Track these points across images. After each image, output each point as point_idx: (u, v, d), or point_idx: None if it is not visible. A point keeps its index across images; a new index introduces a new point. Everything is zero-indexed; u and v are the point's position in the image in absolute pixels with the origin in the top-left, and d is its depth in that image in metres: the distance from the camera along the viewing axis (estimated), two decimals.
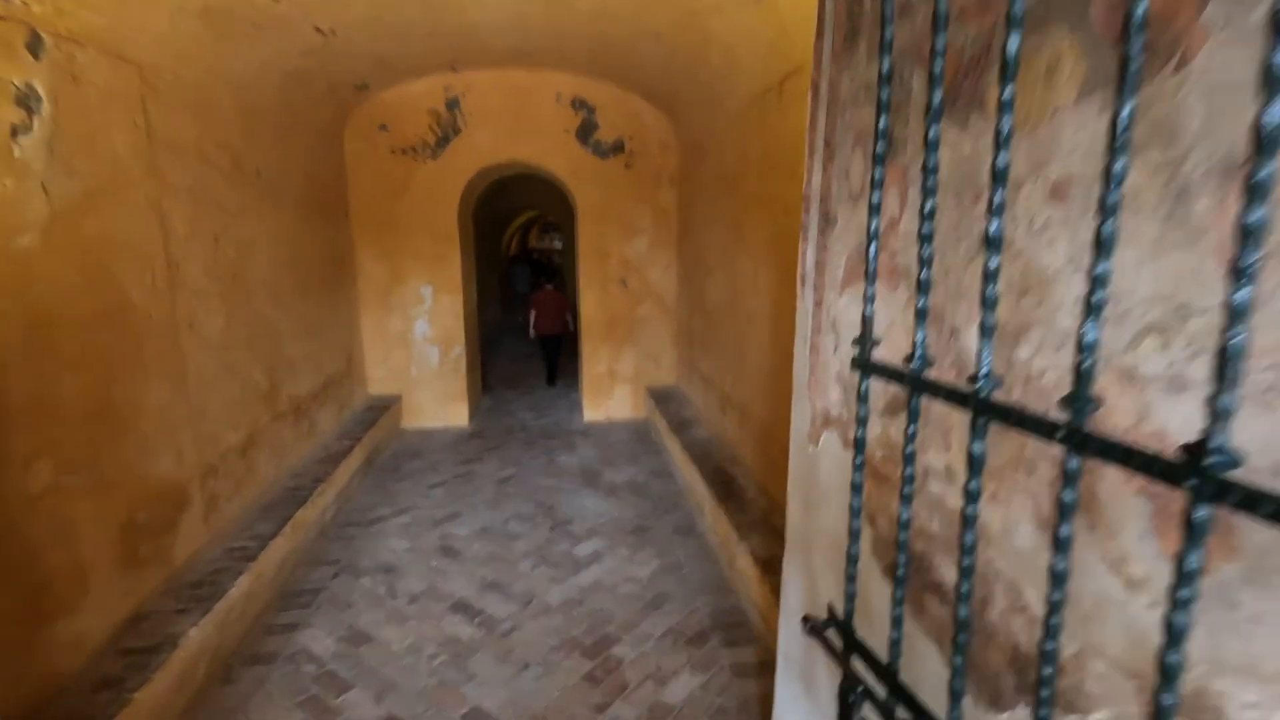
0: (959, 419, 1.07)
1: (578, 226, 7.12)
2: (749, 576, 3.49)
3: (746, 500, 4.17)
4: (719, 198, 5.30)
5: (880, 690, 1.14)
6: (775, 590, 3.12)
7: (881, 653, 1.21)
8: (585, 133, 6.73)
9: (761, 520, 3.88)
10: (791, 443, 1.94)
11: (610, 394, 7.34)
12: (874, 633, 1.32)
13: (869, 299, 1.15)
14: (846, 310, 1.54)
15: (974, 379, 0.86)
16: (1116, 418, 0.74)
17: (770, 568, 3.33)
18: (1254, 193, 0.51)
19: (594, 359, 7.24)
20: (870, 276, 1.17)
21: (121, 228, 2.99)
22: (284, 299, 4.87)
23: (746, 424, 4.70)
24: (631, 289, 7.13)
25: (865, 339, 1.15)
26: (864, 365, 1.16)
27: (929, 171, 0.99)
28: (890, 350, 1.32)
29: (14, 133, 2.43)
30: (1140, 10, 0.61)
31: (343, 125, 6.30)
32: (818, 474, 1.75)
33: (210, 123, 3.86)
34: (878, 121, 1.13)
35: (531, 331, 8.60)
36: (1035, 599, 0.87)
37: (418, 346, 6.94)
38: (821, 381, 1.71)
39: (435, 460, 6.09)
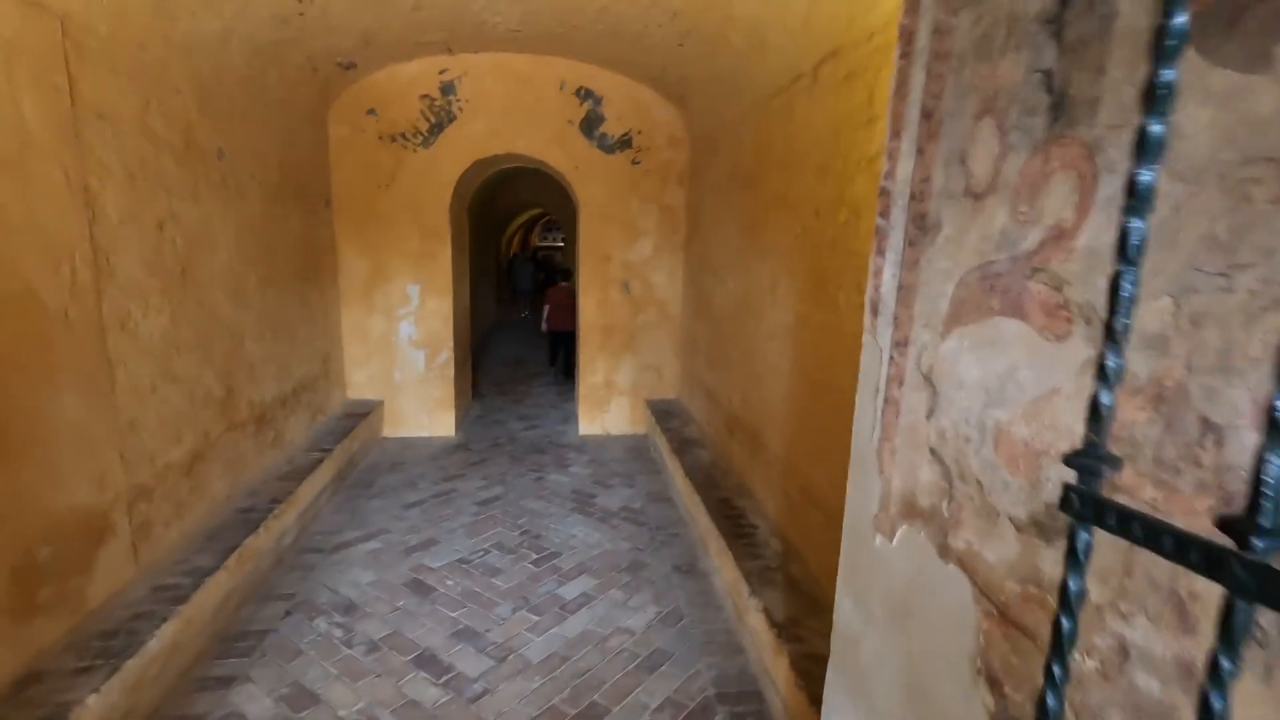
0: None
1: (579, 226, 6.62)
2: (762, 640, 2.99)
3: (758, 542, 3.68)
4: (733, 198, 4.81)
5: None
6: (797, 664, 2.63)
7: None
8: (590, 125, 6.24)
9: (777, 568, 3.38)
10: (846, 524, 1.44)
11: (607, 406, 6.85)
12: None
13: (1107, 373, 0.65)
14: (956, 362, 1.04)
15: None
16: None
17: (790, 632, 2.84)
18: None
19: (591, 368, 6.75)
20: (1113, 328, 0.67)
21: (26, 209, 2.50)
22: (248, 296, 4.37)
23: (759, 453, 4.20)
24: (634, 294, 6.64)
25: (1094, 455, 0.64)
26: (1085, 503, 0.66)
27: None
28: (1040, 431, 0.83)
29: None
30: None
31: (326, 108, 5.80)
32: (890, 580, 1.25)
33: (157, 93, 3.37)
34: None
35: (544, 326, 8.76)
36: None
37: (402, 350, 6.44)
38: (902, 453, 1.20)
39: (414, 475, 5.59)
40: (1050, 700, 0.76)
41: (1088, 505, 0.66)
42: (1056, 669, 0.74)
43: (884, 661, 1.24)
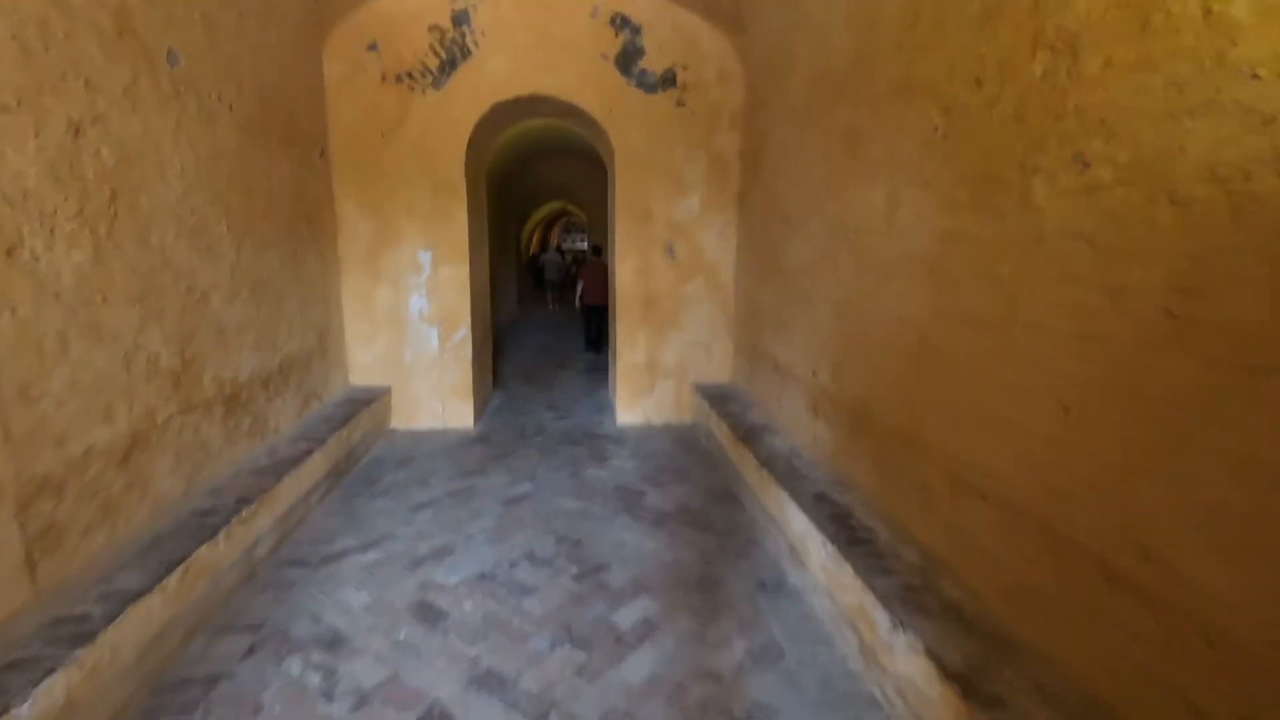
0: None
1: (614, 179, 5.70)
2: (929, 697, 2.01)
3: (881, 550, 2.70)
4: (816, 118, 3.84)
5: None
6: None
7: None
8: (627, 60, 5.32)
9: (922, 588, 2.40)
10: None
11: (649, 391, 5.89)
12: None
13: None
14: None
15: None
16: None
17: (981, 689, 1.85)
18: None
19: (630, 346, 5.80)
20: None
21: None
22: (217, 246, 3.50)
23: (864, 433, 3.23)
24: (679, 258, 5.69)
25: None
26: None
27: None
28: None
29: None
30: None
31: (321, 41, 4.95)
32: None
33: None
34: None
35: (579, 302, 9.18)
36: None
37: (412, 326, 5.56)
38: None
39: (426, 471, 4.69)
40: None
41: None
42: None
43: None
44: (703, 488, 4.41)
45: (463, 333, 5.61)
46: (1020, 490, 2.09)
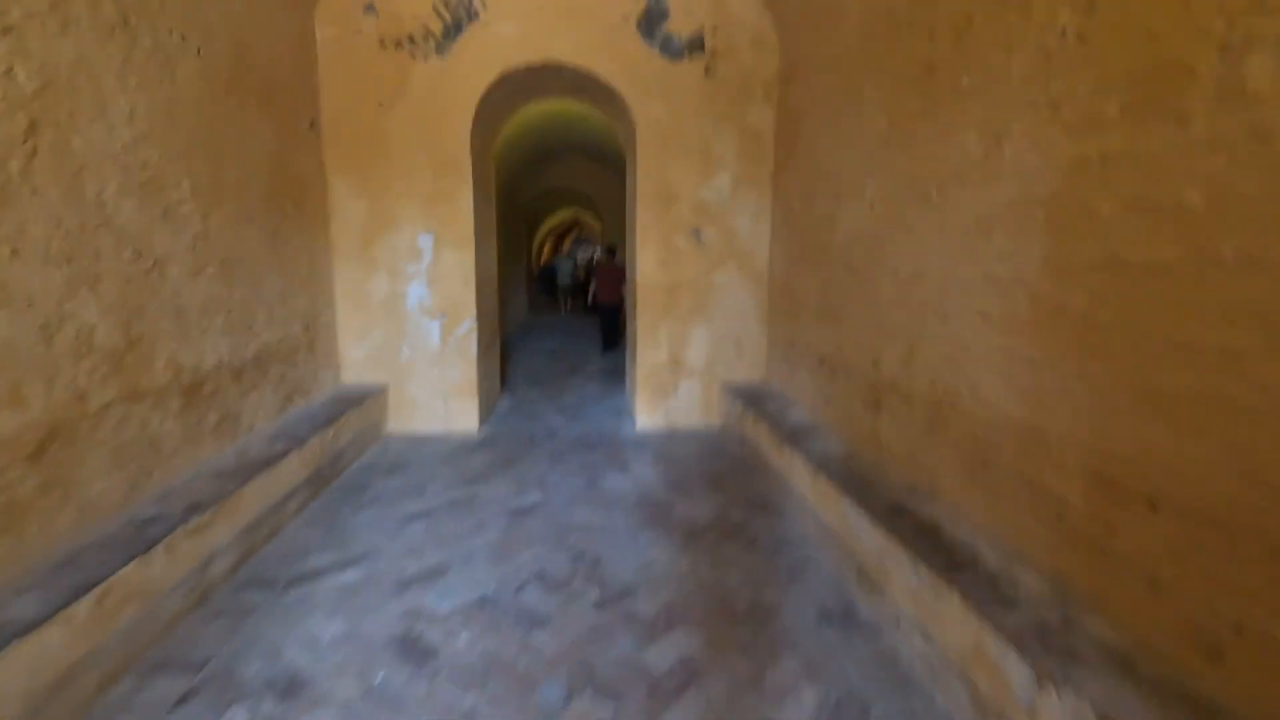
0: None
1: (634, 158, 5.17)
2: None
3: (990, 574, 2.10)
4: (874, 64, 3.30)
5: None
6: None
7: None
8: (650, 23, 4.81)
9: (1064, 628, 1.79)
10: None
11: (673, 391, 5.32)
12: None
13: None
14: None
15: None
16: None
17: None
18: None
19: (651, 342, 5.24)
20: None
21: None
22: (176, 210, 2.99)
23: (945, 426, 2.64)
24: (707, 244, 5.14)
25: None
26: None
27: None
28: None
29: None
30: None
31: (313, 1, 4.48)
32: None
33: None
34: None
35: (591, 299, 9.67)
36: None
37: (411, 319, 5.03)
38: None
39: (422, 478, 4.13)
40: None
41: None
42: None
43: None
44: (740, 497, 3.82)
45: (467, 326, 5.07)
46: (1223, 496, 1.50)
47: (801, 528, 3.35)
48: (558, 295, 16.94)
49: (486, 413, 5.54)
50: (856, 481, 2.98)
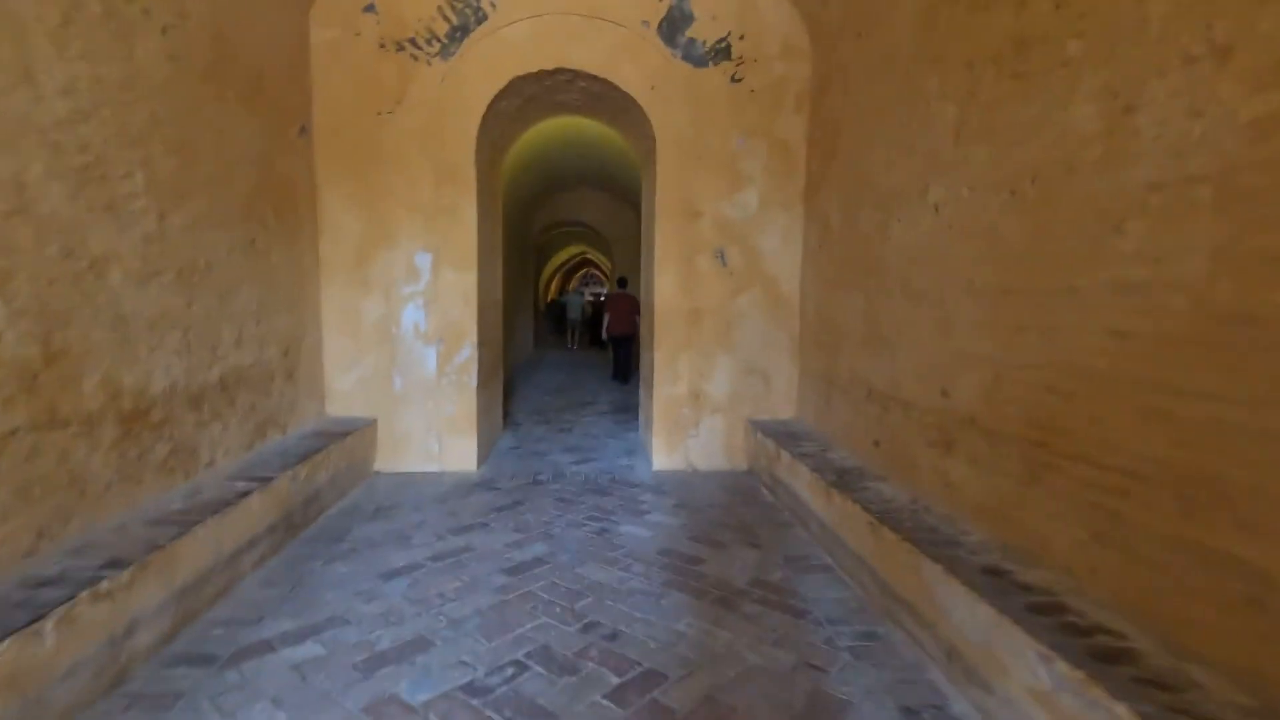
0: None
1: (654, 173, 4.75)
2: None
3: (1155, 673, 1.54)
4: (938, 50, 2.88)
5: None
6: None
7: None
8: (673, 28, 4.46)
9: None
10: None
11: (693, 428, 4.79)
12: None
13: None
14: None
15: None
16: None
17: None
18: None
19: (669, 374, 4.74)
20: None
21: None
22: (124, 206, 2.55)
23: (1052, 470, 2.10)
24: (732, 266, 4.68)
25: None
26: None
27: None
28: None
29: None
30: None
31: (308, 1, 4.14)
32: None
33: None
34: None
35: (604, 333, 8.95)
36: None
37: (405, 344, 4.55)
38: None
39: (409, 524, 3.58)
40: None
41: None
42: None
43: None
44: (779, 552, 3.26)
45: (467, 352, 4.58)
46: None
47: (860, 592, 2.79)
48: (566, 330, 16.68)
49: (486, 450, 5.02)
50: (933, 539, 2.43)
